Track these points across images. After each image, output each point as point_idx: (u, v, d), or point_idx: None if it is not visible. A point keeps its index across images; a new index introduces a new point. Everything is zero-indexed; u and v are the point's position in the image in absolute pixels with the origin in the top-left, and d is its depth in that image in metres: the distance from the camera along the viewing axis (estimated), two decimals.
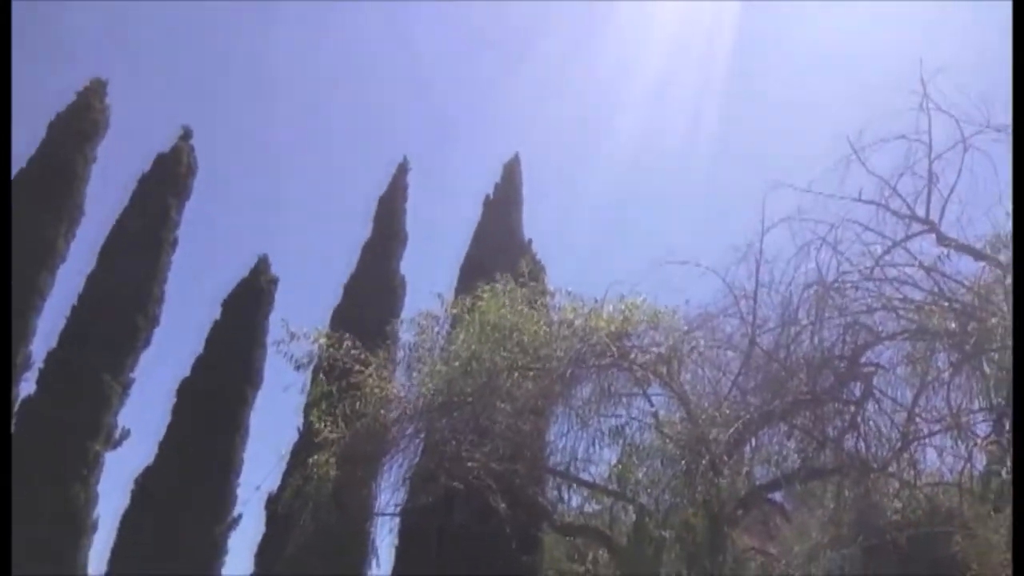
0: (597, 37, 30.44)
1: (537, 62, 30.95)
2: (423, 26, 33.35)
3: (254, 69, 33.97)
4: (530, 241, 20.82)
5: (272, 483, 14.67)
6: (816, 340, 7.04)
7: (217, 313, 22.01)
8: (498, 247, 19.22)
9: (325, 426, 10.30)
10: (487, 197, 22.99)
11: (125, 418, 20.47)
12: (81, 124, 22.14)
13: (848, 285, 6.91)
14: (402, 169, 24.43)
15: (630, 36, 30.85)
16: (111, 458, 19.88)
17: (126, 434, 20.35)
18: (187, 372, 21.22)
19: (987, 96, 6.37)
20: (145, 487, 19.63)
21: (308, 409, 11.84)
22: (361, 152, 35.35)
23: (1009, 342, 5.84)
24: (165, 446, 20.18)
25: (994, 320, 5.82)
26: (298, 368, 10.90)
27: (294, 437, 16.04)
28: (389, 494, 10.36)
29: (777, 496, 9.02)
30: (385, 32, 34.56)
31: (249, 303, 21.86)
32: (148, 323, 21.28)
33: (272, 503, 17.02)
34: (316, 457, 10.26)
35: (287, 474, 12.83)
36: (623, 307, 9.10)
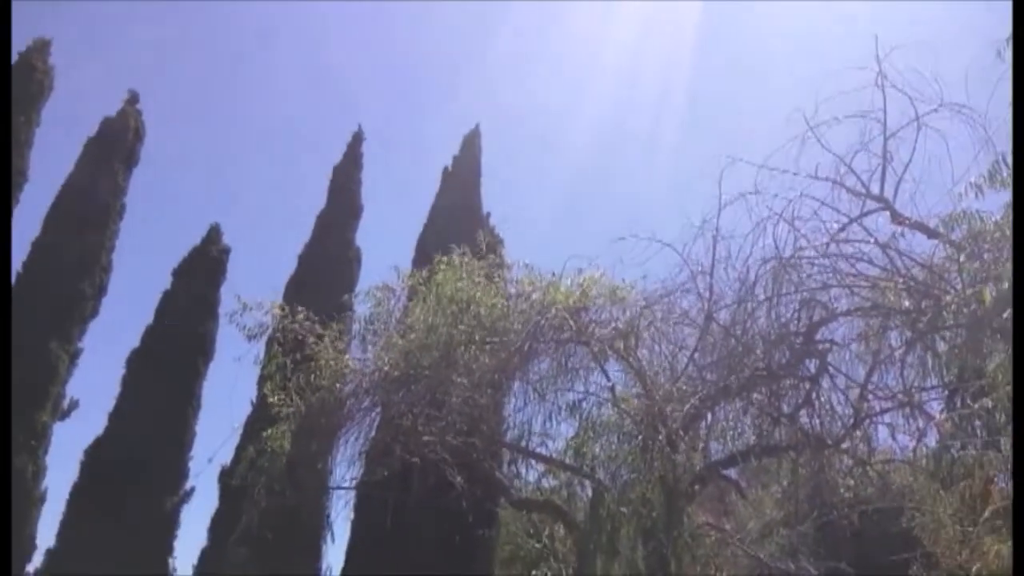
0: (566, 13, 30.14)
1: (503, 36, 30.61)
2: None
3: (207, 34, 33.01)
4: (489, 214, 20.63)
5: (225, 456, 14.58)
6: (772, 316, 7.06)
7: (168, 283, 21.56)
8: (456, 220, 18.99)
9: (279, 399, 10.16)
10: (446, 169, 22.70)
11: (74, 388, 20.05)
12: (24, 85, 21.27)
13: (804, 261, 6.92)
14: (357, 139, 24.01)
15: (600, 12, 30.62)
16: (60, 429, 19.51)
17: (75, 405, 19.95)
18: (137, 342, 20.80)
19: (940, 75, 6.38)
20: (95, 459, 19.28)
21: (262, 381, 11.67)
22: (317, 121, 34.69)
23: (963, 320, 5.92)
24: (115, 417, 19.81)
25: (947, 298, 5.87)
26: (251, 339, 10.69)
27: (248, 410, 15.88)
28: (344, 468, 10.30)
29: (732, 472, 9.11)
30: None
31: (201, 273, 21.44)
32: (96, 292, 20.73)
33: (225, 476, 16.86)
34: (270, 430, 10.14)
35: (241, 447, 12.70)
36: (581, 281, 9.05)
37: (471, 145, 23.09)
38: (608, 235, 8.42)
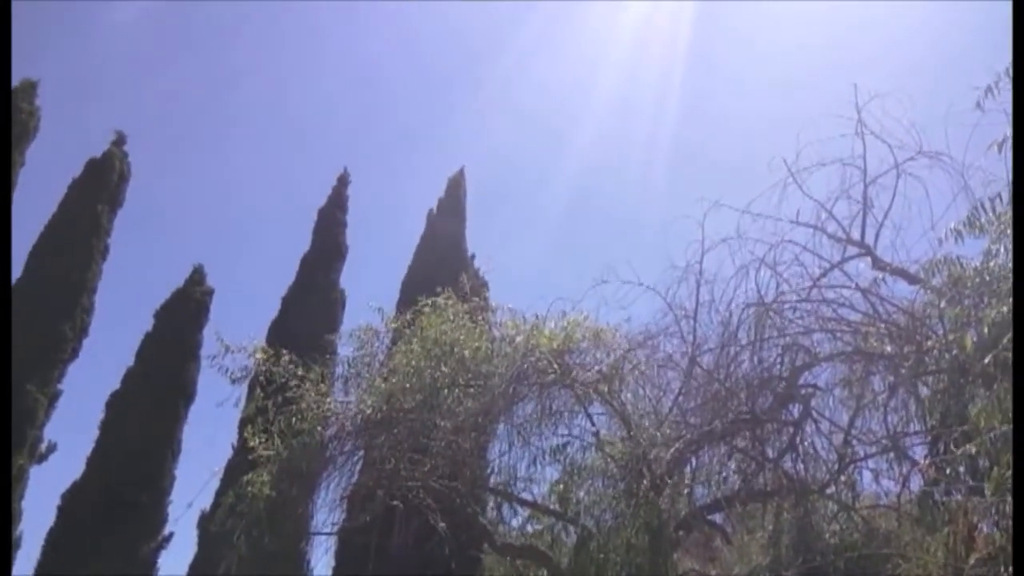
0: (549, 56, 30.65)
1: (490, 79, 31.01)
2: (370, 36, 33.12)
3: (193, 75, 33.24)
4: (473, 256, 20.73)
5: (205, 501, 14.30)
6: (755, 360, 7.08)
7: (150, 324, 21.37)
8: (441, 262, 19.07)
9: (260, 442, 10.02)
10: (431, 211, 22.86)
11: (52, 432, 19.72)
12: (10, 126, 21.26)
13: (786, 306, 6.97)
14: (343, 181, 24.15)
15: (583, 56, 31.15)
16: (37, 473, 19.17)
17: (52, 448, 19.61)
18: (117, 385, 20.55)
19: (919, 123, 6.52)
20: (72, 504, 18.90)
21: (243, 425, 11.52)
22: (303, 163, 34.83)
23: (944, 365, 5.95)
24: (93, 461, 19.49)
25: (929, 343, 5.92)
26: (233, 382, 10.64)
27: (228, 453, 15.67)
28: (326, 513, 10.10)
29: (718, 517, 9.04)
30: (331, 41, 34.20)
31: (183, 314, 21.29)
32: (76, 333, 20.50)
33: (205, 521, 16.55)
34: (251, 475, 9.97)
35: (220, 492, 12.49)
36: (565, 324, 9.06)
37: (456, 187, 23.29)
38: (592, 277, 8.48)
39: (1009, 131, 5.14)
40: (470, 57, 33.71)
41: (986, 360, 4.85)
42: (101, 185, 21.98)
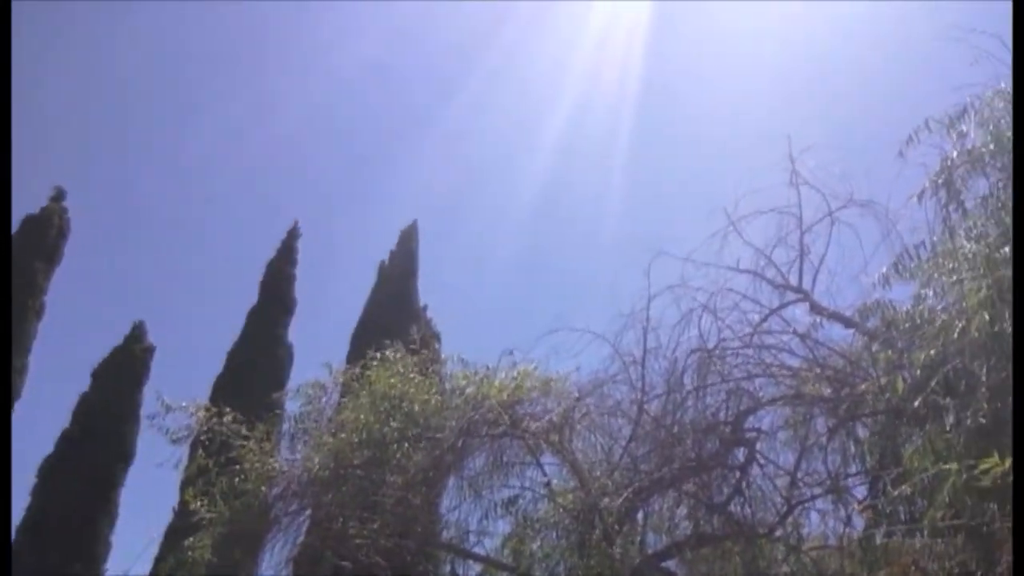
0: (499, 104, 31.15)
1: (438, 130, 31.32)
2: (322, 88, 33.28)
3: (135, 128, 32.87)
4: (425, 307, 20.73)
5: (144, 568, 13.72)
6: (700, 406, 7.20)
7: (87, 384, 20.73)
8: (392, 314, 19.02)
9: (202, 504, 9.75)
10: (382, 264, 22.86)
11: None
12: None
13: (729, 352, 7.14)
14: (292, 234, 24.03)
15: (529, 107, 31.71)
16: None
17: None
18: (51, 448, 19.79)
19: (849, 173, 6.85)
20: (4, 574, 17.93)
21: (184, 487, 11.20)
22: (252, 216, 34.48)
23: (880, 406, 6.14)
24: (25, 530, 18.64)
25: (863, 386, 6.11)
26: (173, 443, 10.35)
27: (170, 517, 15.15)
28: None
29: (671, 564, 9.04)
30: (281, 92, 34.25)
31: (122, 373, 20.73)
32: (8, 397, 19.74)
33: None
34: (192, 539, 9.67)
35: (160, 558, 12.08)
36: (515, 374, 9.09)
37: (408, 240, 23.39)
38: (543, 326, 8.56)
39: (927, 183, 5.44)
40: (419, 107, 34.08)
41: (916, 403, 5.03)
42: (38, 242, 21.46)
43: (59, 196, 22.57)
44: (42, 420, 22.39)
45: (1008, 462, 3.93)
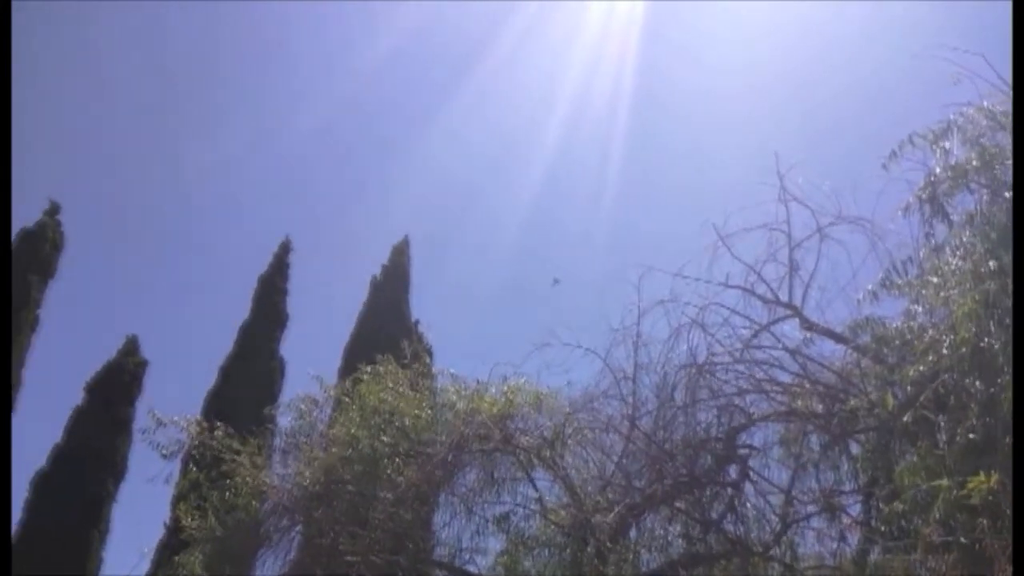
0: (493, 119, 31.23)
1: (431, 142, 31.36)
2: (314, 101, 33.32)
3: (129, 142, 32.86)
4: (417, 322, 20.73)
5: None
6: (692, 422, 7.16)
7: (80, 398, 20.64)
8: (384, 328, 19.00)
9: (193, 520, 9.68)
10: (374, 278, 22.88)
11: None
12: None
13: (719, 368, 7.10)
14: (285, 248, 24.02)
15: (520, 119, 31.77)
16: None
17: None
18: (43, 463, 19.67)
19: (835, 188, 6.86)
20: None
21: (176, 502, 11.14)
22: (243, 229, 34.43)
23: (872, 422, 6.10)
24: (19, 544, 18.46)
25: (853, 402, 6.07)
26: (165, 457, 10.30)
27: (161, 532, 15.03)
28: None
29: None
30: (274, 109, 34.36)
31: (115, 387, 20.64)
32: (8, 402, 19.65)
33: None
34: (183, 555, 9.61)
35: (152, 573, 11.98)
36: (506, 389, 9.05)
37: (400, 254, 23.41)
38: (535, 340, 8.51)
39: (911, 198, 5.45)
40: (414, 119, 34.07)
41: (905, 418, 5.00)
42: (33, 256, 21.42)
43: (54, 210, 22.53)
44: (35, 433, 22.27)
45: (995, 479, 3.90)
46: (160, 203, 33.54)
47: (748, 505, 7.50)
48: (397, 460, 8.96)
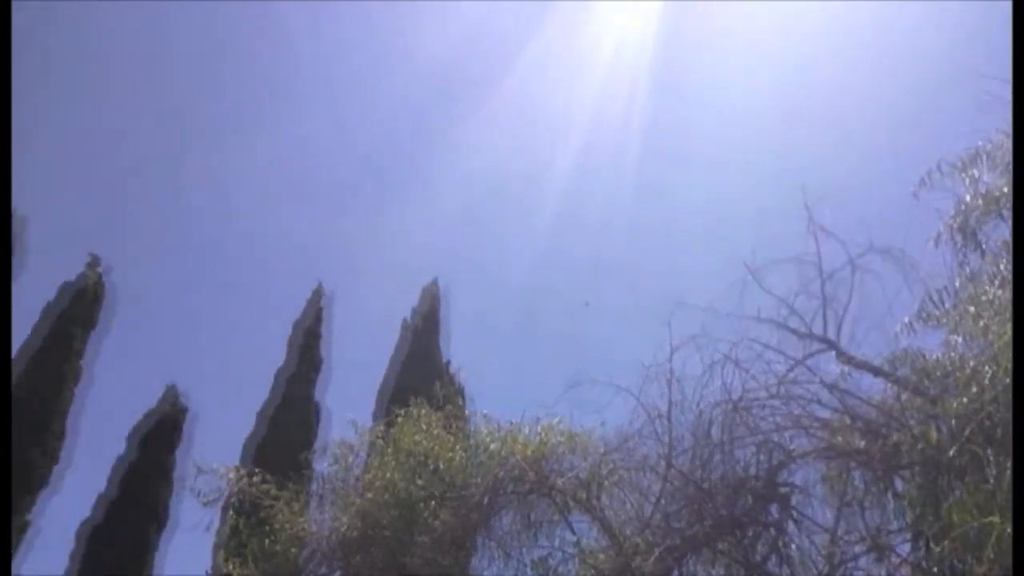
0: (510, 159, 31.31)
1: (454, 184, 31.48)
2: (339, 153, 33.73)
3: (168, 194, 33.54)
4: (448, 363, 20.75)
5: None
6: (730, 460, 6.99)
7: (123, 447, 20.91)
8: (416, 371, 19.09)
9: (234, 567, 9.71)
10: (405, 321, 23.05)
11: (23, 565, 18.86)
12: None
13: (755, 404, 6.95)
14: (317, 294, 24.28)
15: (542, 157, 31.76)
16: None
17: None
18: (88, 512, 19.90)
19: (864, 219, 6.75)
20: None
21: (217, 549, 11.19)
22: (279, 277, 34.76)
23: (916, 457, 5.91)
24: None
25: (896, 437, 5.90)
26: (205, 505, 10.40)
27: None
28: None
29: None
30: (302, 157, 34.86)
31: (157, 436, 20.86)
32: (48, 460, 19.94)
33: None
34: None
35: None
36: (540, 430, 9.00)
37: (430, 296, 23.60)
38: (567, 379, 8.40)
39: (942, 227, 5.35)
40: (432, 167, 34.25)
41: (951, 452, 4.84)
42: (75, 309, 21.88)
43: (95, 263, 23.05)
44: (78, 484, 22.48)
45: None
46: (196, 249, 34.12)
47: (792, 546, 7.27)
48: (433, 503, 8.93)
